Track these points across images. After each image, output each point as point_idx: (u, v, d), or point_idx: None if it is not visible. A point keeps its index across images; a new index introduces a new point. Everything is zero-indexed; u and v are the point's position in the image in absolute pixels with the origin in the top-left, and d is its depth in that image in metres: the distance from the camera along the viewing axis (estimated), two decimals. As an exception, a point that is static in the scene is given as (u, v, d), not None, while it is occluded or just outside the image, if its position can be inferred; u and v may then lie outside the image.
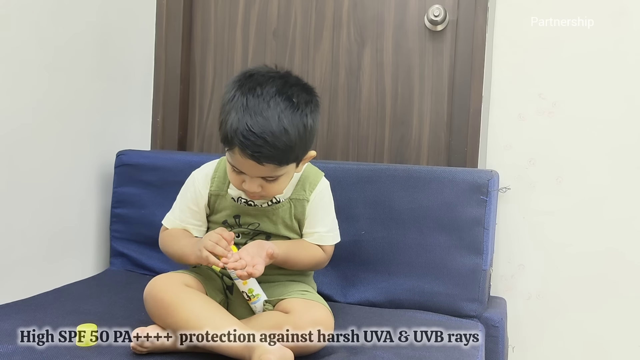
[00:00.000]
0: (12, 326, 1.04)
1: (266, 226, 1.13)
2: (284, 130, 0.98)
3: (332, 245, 1.18)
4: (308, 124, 1.03)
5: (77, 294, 1.30)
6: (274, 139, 0.97)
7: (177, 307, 0.98)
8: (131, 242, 1.53)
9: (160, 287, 1.02)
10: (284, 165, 1.03)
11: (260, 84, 1.01)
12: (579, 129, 1.46)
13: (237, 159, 1.01)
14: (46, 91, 1.34)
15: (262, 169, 1.01)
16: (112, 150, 1.57)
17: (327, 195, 1.19)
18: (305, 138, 1.03)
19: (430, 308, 1.32)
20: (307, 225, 1.15)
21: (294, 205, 1.14)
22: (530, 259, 1.49)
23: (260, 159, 0.98)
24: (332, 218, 1.19)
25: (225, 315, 0.99)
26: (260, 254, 1.01)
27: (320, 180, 1.18)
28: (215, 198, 1.15)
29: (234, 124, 0.98)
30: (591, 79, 1.45)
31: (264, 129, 0.97)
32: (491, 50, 1.50)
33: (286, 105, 1.00)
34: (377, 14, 1.68)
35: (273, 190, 1.07)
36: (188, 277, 1.07)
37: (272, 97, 0.99)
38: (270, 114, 0.98)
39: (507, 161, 1.49)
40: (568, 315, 1.48)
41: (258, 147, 0.97)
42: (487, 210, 1.30)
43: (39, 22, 1.30)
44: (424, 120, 1.67)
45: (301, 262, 1.12)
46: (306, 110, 1.03)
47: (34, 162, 1.32)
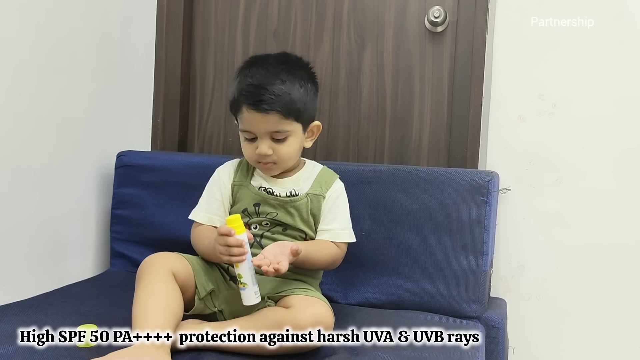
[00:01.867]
0: (12, 327, 1.04)
1: (284, 217, 1.17)
2: (281, 80, 1.11)
3: (346, 243, 1.21)
4: (304, 84, 1.14)
5: (78, 295, 1.30)
6: (273, 86, 1.09)
7: (139, 284, 1.02)
8: (131, 243, 1.53)
9: (148, 262, 1.07)
10: (290, 118, 1.12)
11: (261, 58, 1.17)
12: (579, 129, 1.46)
13: (245, 118, 1.11)
14: (47, 92, 1.34)
15: (269, 120, 1.10)
16: (112, 151, 1.57)
17: (342, 194, 1.24)
18: (302, 95, 1.13)
19: (430, 309, 1.32)
20: (323, 221, 1.19)
21: (311, 200, 1.18)
22: (531, 260, 1.49)
23: (262, 105, 1.08)
24: (347, 217, 1.23)
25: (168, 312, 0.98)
26: (284, 252, 1.03)
27: (335, 180, 1.24)
28: (237, 188, 1.20)
29: (237, 87, 1.13)
30: (591, 80, 1.45)
31: (263, 79, 1.10)
32: (491, 51, 1.50)
33: (283, 67, 1.13)
34: (377, 15, 1.68)
35: (283, 152, 1.13)
36: (180, 263, 1.08)
37: (270, 63, 1.14)
38: (269, 72, 1.11)
39: (507, 162, 1.49)
40: (568, 317, 1.48)
41: (259, 95, 1.08)
42: (487, 211, 1.30)
43: (39, 23, 1.30)
44: (424, 121, 1.67)
45: (319, 260, 1.14)
46: (302, 74, 1.15)
47: (35, 163, 1.32)
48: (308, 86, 1.15)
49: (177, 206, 1.46)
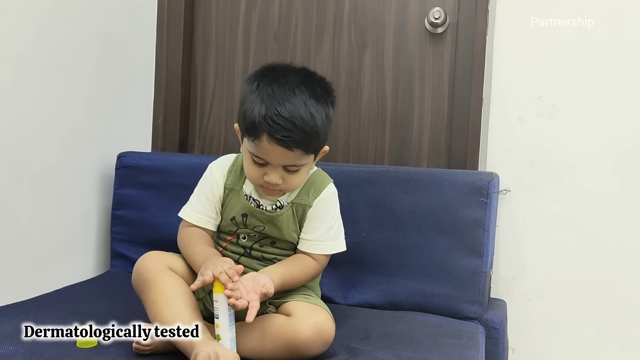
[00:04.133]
0: (13, 327, 1.04)
1: (271, 231, 1.13)
2: (311, 115, 1.01)
3: (326, 255, 1.15)
4: (329, 113, 1.07)
5: (78, 295, 1.31)
6: (303, 123, 1.00)
7: (150, 286, 1.02)
8: (132, 243, 1.54)
9: (145, 263, 1.06)
10: (310, 153, 1.06)
11: (284, 75, 1.05)
12: (579, 131, 1.46)
13: (264, 147, 1.02)
14: (48, 93, 1.35)
15: (289, 156, 1.02)
16: (113, 152, 1.57)
17: (330, 202, 1.16)
18: (327, 126, 1.07)
19: (430, 310, 1.33)
20: (304, 230, 1.14)
21: (295, 210, 1.13)
22: (531, 261, 1.49)
23: (289, 143, 1.00)
24: (331, 226, 1.15)
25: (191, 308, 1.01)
26: (256, 290, 0.97)
27: (326, 186, 1.16)
28: (229, 192, 1.15)
29: (262, 111, 1.00)
30: (591, 81, 1.45)
31: (293, 113, 1.00)
32: (491, 53, 1.51)
33: (310, 94, 1.03)
34: (377, 17, 1.69)
35: (293, 182, 1.08)
36: (176, 261, 1.09)
37: (297, 86, 1.03)
38: (297, 101, 1.01)
39: (507, 163, 1.49)
40: (568, 318, 1.48)
41: (287, 131, 0.99)
42: (488, 212, 1.31)
43: (41, 25, 1.30)
44: (424, 123, 1.67)
45: (298, 282, 1.11)
46: (327, 100, 1.07)
47: (36, 164, 1.33)
48: (330, 114, 1.07)
49: (178, 207, 1.44)
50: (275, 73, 1.06)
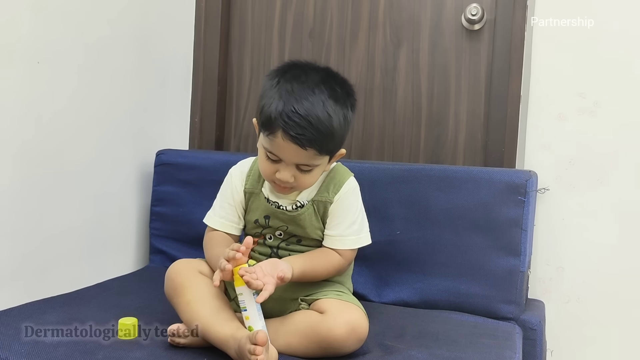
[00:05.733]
0: (57, 318, 1.08)
1: (295, 230, 1.13)
2: (327, 115, 1.00)
3: (351, 250, 1.14)
4: (348, 116, 1.06)
5: (119, 289, 1.34)
6: (318, 122, 0.99)
7: (184, 289, 1.04)
8: (170, 239, 1.57)
9: (176, 269, 1.08)
10: (324, 154, 1.04)
11: (305, 72, 1.04)
12: (621, 129, 1.42)
13: (278, 143, 1.01)
14: (89, 92, 1.39)
15: (302, 155, 1.01)
16: (151, 149, 1.61)
17: (351, 197, 1.14)
18: (344, 129, 1.05)
19: (465, 309, 1.31)
20: (328, 226, 1.13)
21: (317, 207, 1.13)
22: (570, 261, 1.46)
23: (303, 141, 0.99)
24: (352, 221, 1.14)
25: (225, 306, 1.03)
26: (273, 274, 0.98)
27: (346, 181, 1.15)
28: (249, 195, 1.16)
29: (278, 107, 1.00)
30: (633, 77, 1.41)
31: (310, 111, 0.99)
32: (530, 49, 1.48)
33: (330, 94, 1.02)
34: (413, 14, 1.67)
35: (304, 182, 1.07)
36: (205, 266, 1.11)
37: (317, 85, 1.02)
38: (315, 100, 1.00)
39: (546, 161, 1.46)
40: (608, 320, 1.44)
41: (302, 128, 0.98)
42: (525, 211, 1.28)
43: (81, 26, 1.34)
44: (460, 120, 1.65)
45: (319, 275, 1.10)
46: (347, 102, 1.06)
47: (77, 162, 1.37)
48: (349, 116, 1.06)
49: (213, 204, 1.49)
50: (296, 70, 1.05)
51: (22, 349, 0.94)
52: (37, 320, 1.06)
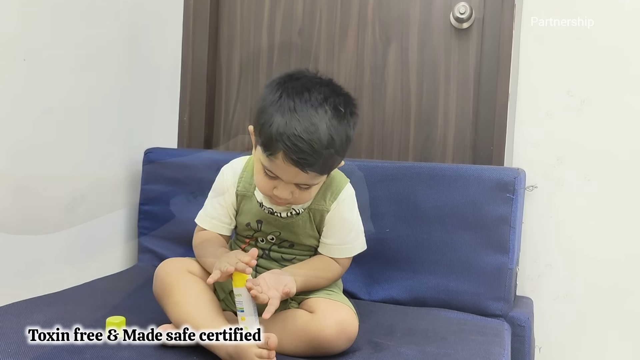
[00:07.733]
0: (44, 318, 1.07)
1: (287, 235, 1.12)
2: (331, 138, 0.97)
3: (346, 258, 1.15)
4: (350, 135, 1.03)
5: (107, 288, 1.33)
6: (321, 147, 0.96)
7: (172, 289, 1.03)
8: (158, 238, 1.56)
9: (165, 269, 1.07)
10: (324, 174, 1.04)
11: (308, 89, 0.99)
12: (608, 126, 1.43)
13: (278, 164, 0.98)
14: (76, 90, 1.37)
15: (303, 176, 0.99)
16: (140, 148, 1.60)
17: (347, 205, 1.13)
18: (345, 148, 1.02)
19: (455, 306, 1.32)
20: (324, 234, 1.13)
21: (312, 215, 1.12)
22: (558, 259, 1.47)
23: (304, 166, 0.96)
24: (349, 229, 1.14)
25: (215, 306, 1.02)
26: (277, 288, 0.97)
27: (343, 188, 1.13)
28: (241, 198, 1.14)
29: (280, 128, 0.95)
30: (620, 75, 1.42)
31: (313, 136, 0.95)
32: (518, 48, 1.49)
33: (334, 114, 0.98)
34: (402, 12, 1.68)
35: (302, 198, 1.05)
36: (194, 265, 1.10)
37: (320, 104, 0.98)
38: (318, 121, 0.96)
39: (534, 159, 1.47)
40: (596, 317, 1.45)
41: (304, 153, 0.95)
42: (514, 208, 1.29)
43: (69, 22, 1.33)
44: (449, 118, 1.66)
45: (320, 285, 1.10)
46: (351, 121, 1.03)
47: (64, 159, 1.36)
48: (351, 135, 1.02)
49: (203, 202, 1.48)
50: (299, 85, 1.00)
51: (9, 349, 0.93)
52: (24, 320, 1.04)
